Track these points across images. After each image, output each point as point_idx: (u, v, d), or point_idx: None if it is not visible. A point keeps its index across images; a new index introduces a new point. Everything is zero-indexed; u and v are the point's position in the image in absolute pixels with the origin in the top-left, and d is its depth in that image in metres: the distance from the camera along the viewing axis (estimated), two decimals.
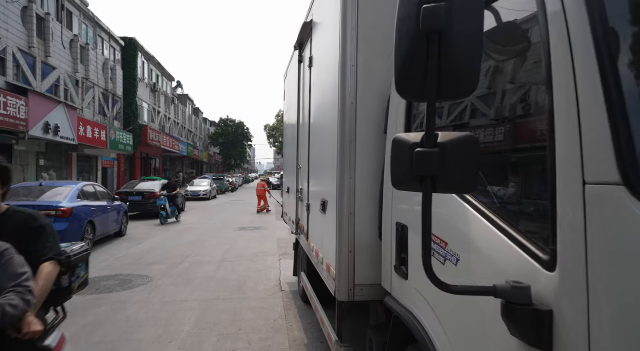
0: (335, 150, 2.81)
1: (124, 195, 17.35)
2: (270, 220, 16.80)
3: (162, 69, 38.39)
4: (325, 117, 3.30)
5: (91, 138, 21.73)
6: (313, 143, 3.95)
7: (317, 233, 3.66)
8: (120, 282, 6.95)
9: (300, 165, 4.88)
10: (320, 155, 3.50)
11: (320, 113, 3.56)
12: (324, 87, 3.37)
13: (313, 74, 4.03)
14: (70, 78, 21.25)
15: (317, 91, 3.74)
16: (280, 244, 10.81)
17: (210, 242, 11.12)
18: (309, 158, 4.17)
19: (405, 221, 2.14)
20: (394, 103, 2.40)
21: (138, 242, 11.15)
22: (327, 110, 3.17)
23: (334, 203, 2.84)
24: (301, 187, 4.75)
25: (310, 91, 4.15)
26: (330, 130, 3.01)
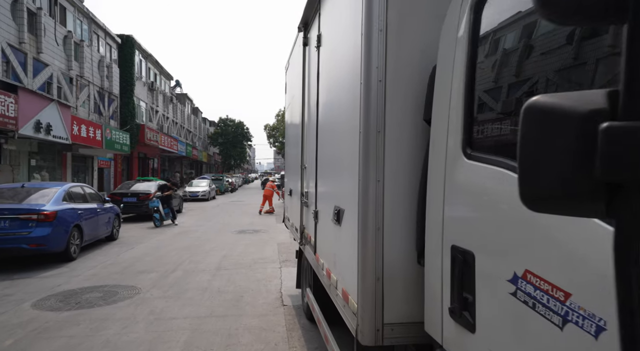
0: (356, 145, 2.14)
1: (118, 196, 16.71)
2: (271, 222, 16.13)
3: (160, 68, 37.71)
4: (340, 103, 2.63)
5: (86, 137, 21.04)
6: (322, 138, 3.28)
7: (328, 248, 2.98)
8: (105, 295, 6.27)
9: (306, 165, 4.21)
10: (333, 152, 2.83)
11: (333, 100, 2.89)
12: (339, 67, 2.70)
13: (322, 55, 3.35)
14: (63, 75, 20.58)
15: (329, 74, 3.07)
16: (281, 249, 10.14)
17: (207, 247, 10.44)
18: (316, 156, 3.50)
19: (471, 246, 1.46)
20: (444, 75, 1.73)
21: (130, 247, 10.47)
22: (344, 95, 2.50)
23: (354, 213, 2.17)
24: (307, 190, 4.07)
25: (318, 77, 3.48)
26: (348, 120, 2.35)
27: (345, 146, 2.45)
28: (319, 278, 3.39)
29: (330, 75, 2.99)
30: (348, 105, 2.38)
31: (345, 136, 2.44)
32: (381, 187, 2.03)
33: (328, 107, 3.06)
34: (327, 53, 3.15)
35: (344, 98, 2.50)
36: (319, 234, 3.41)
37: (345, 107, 2.47)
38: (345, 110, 2.47)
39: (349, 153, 2.33)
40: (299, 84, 4.65)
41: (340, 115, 2.61)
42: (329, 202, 2.92)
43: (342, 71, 2.57)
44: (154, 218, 14.66)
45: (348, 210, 2.39)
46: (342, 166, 2.57)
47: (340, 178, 2.63)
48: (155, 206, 14.77)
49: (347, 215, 2.40)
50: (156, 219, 14.64)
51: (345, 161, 2.44)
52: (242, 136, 64.96)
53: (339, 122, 2.64)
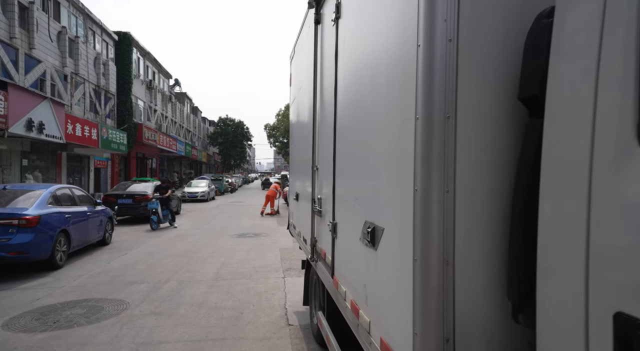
0: (406, 139, 1.48)
1: (114, 197, 16.03)
2: (272, 225, 15.45)
3: (158, 66, 37.03)
4: (374, 84, 1.96)
5: (81, 136, 20.34)
6: (344, 131, 2.60)
7: (354, 275, 2.29)
8: (88, 311, 5.59)
9: (318, 165, 3.53)
10: (363, 150, 2.15)
11: (361, 81, 2.21)
12: (372, 35, 2.02)
13: (342, 28, 2.68)
14: (57, 72, 19.89)
15: (354, 49, 2.39)
16: (283, 256, 9.46)
17: (204, 253, 9.76)
18: (334, 154, 2.82)
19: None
20: (579, 32, 1.05)
21: (122, 252, 9.79)
22: (381, 71, 1.84)
23: (403, 236, 1.51)
24: (320, 196, 3.39)
25: (336, 57, 2.81)
26: (389, 104, 1.69)
27: (383, 141, 1.78)
28: (338, 306, 2.70)
29: (357, 50, 2.31)
30: (389, 84, 1.71)
31: (384, 128, 1.78)
32: (451, 200, 1.36)
33: (353, 92, 2.38)
34: (351, 23, 2.47)
35: (381, 76, 1.82)
36: (338, 253, 2.73)
37: (383, 88, 1.80)
38: (383, 92, 1.80)
39: (390, 150, 1.67)
40: (308, 71, 3.98)
41: (375, 99, 1.93)
42: (356, 215, 2.24)
43: (379, 39, 1.89)
44: (151, 221, 14.00)
45: (390, 230, 1.72)
46: (377, 168, 1.89)
47: (374, 184, 1.95)
48: (154, 208, 14.07)
49: (388, 237, 1.73)
50: (153, 221, 13.98)
51: (383, 162, 1.78)
52: (242, 136, 64.31)
53: (373, 109, 1.96)
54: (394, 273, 1.62)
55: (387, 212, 1.74)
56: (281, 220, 17.04)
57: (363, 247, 2.06)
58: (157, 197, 14.54)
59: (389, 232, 1.73)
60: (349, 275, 2.42)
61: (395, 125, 1.62)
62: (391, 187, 1.68)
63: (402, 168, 1.53)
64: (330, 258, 2.91)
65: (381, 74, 1.84)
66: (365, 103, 2.09)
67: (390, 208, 1.70)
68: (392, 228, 1.68)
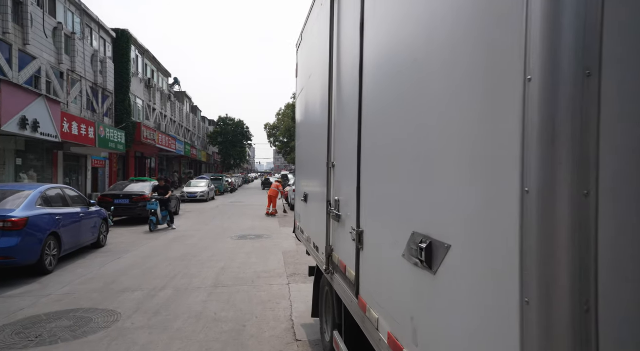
0: (503, 111, 0.97)
1: (110, 197, 15.53)
2: (273, 226, 14.94)
3: (157, 64, 36.52)
4: (434, 35, 1.44)
5: (77, 135, 19.84)
6: (375, 116, 2.10)
7: (395, 302, 1.77)
8: (75, 323, 5.09)
9: (335, 162, 3.02)
10: (408, 135, 1.64)
11: (411, 37, 1.68)
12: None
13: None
14: (53, 69, 19.38)
15: (393, 5, 1.88)
16: (287, 259, 8.95)
17: (203, 256, 9.26)
18: (359, 146, 2.32)
19: None
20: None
21: (117, 256, 9.29)
22: (446, 11, 1.33)
23: (493, 261, 1.01)
24: (338, 198, 2.89)
25: (362, 30, 2.31)
26: (464, 58, 1.19)
27: (452, 121, 1.28)
28: (367, 336, 2.19)
29: (398, 4, 1.80)
30: (465, 31, 1.21)
31: (454, 101, 1.27)
32: (592, 208, 0.85)
33: (391, 65, 1.87)
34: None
35: (446, 24, 1.32)
36: (365, 268, 2.22)
37: (451, 41, 1.29)
38: (450, 47, 1.29)
39: (468, 133, 1.16)
40: (321, 54, 3.48)
41: (434, 64, 1.42)
42: (396, 223, 1.74)
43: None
44: (150, 222, 13.46)
45: (462, 249, 1.22)
46: (438, 161, 1.39)
47: (430, 183, 1.44)
48: (153, 209, 13.54)
49: (459, 258, 1.23)
50: (152, 223, 13.44)
51: (453, 150, 1.28)
52: (242, 135, 63.83)
53: (430, 78, 1.45)
54: (476, 314, 1.12)
55: (457, 223, 1.24)
56: (282, 220, 16.54)
57: (409, 267, 1.56)
58: (156, 198, 14.01)
59: (460, 251, 1.23)
60: (384, 300, 1.91)
61: (478, 93, 1.12)
62: (468, 187, 1.17)
63: (494, 159, 1.03)
64: (353, 274, 2.41)
65: (447, 20, 1.32)
66: (414, 74, 1.58)
67: (463, 218, 1.20)
68: (468, 246, 1.18)
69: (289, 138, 61.41)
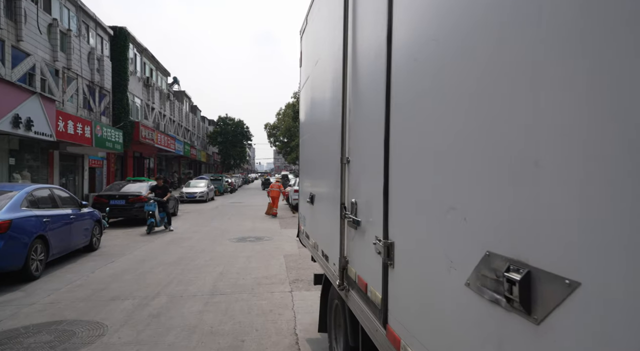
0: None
1: (105, 198, 15.04)
2: (274, 227, 14.46)
3: (156, 63, 36.05)
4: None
5: (73, 134, 19.34)
6: (407, 99, 1.62)
7: (453, 347, 1.28)
8: (56, 338, 4.61)
9: (351, 157, 2.54)
10: (473, 113, 1.16)
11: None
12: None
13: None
14: (48, 66, 18.90)
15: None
16: (289, 263, 8.48)
17: (201, 260, 8.78)
18: (387, 136, 1.83)
19: None
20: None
21: (110, 260, 8.81)
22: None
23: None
24: (354, 199, 2.41)
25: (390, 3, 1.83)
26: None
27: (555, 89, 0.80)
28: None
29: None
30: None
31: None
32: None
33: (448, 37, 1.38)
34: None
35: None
36: (398, 291, 1.74)
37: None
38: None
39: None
40: (332, 34, 3.00)
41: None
42: (452, 238, 1.26)
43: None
44: (150, 223, 12.93)
45: (596, 287, 0.73)
46: (525, 151, 0.90)
47: (518, 182, 0.96)
48: (151, 210, 13.03)
49: (594, 303, 0.74)
50: (151, 225, 12.93)
51: (575, 130, 0.79)
52: (241, 135, 63.40)
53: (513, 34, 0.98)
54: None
55: (593, 245, 0.76)
56: (283, 222, 16.06)
57: (481, 304, 1.08)
58: (153, 199, 13.50)
59: (597, 293, 0.74)
60: (431, 340, 1.42)
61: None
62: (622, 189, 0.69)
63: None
64: (378, 296, 1.92)
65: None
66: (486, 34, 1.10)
67: (608, 239, 0.72)
68: (615, 287, 0.70)
69: (289, 138, 60.95)
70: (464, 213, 1.21)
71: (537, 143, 0.91)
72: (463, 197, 1.23)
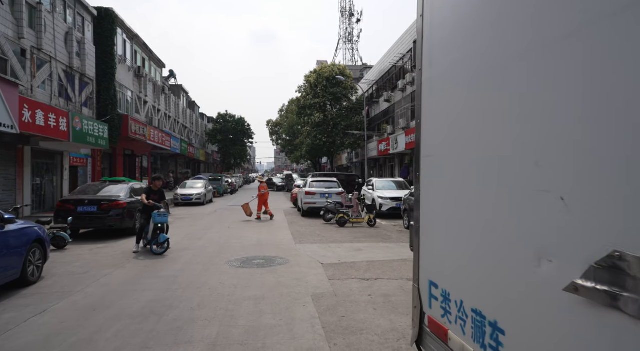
0: None
1: (71, 204, 11.84)
2: (285, 239, 11.28)
3: (149, 52, 32.89)
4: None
5: (44, 126, 16.18)
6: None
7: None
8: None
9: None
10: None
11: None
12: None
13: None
14: (10, 43, 15.75)
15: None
16: (324, 315, 5.30)
17: (183, 307, 5.63)
18: None
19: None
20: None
21: (47, 304, 5.69)
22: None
23: None
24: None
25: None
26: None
27: None
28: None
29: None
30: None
31: None
32: None
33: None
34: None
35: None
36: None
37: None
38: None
39: None
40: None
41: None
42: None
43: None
44: (163, 241, 9.42)
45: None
46: None
47: None
48: (164, 222, 9.51)
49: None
50: (160, 241, 9.43)
51: None
52: (242, 133, 60.32)
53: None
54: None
55: None
56: (295, 231, 12.86)
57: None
58: (156, 206, 9.78)
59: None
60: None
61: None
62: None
63: None
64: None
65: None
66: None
67: None
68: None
69: (292, 136, 57.85)
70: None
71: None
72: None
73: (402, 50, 29.81)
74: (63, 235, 10.07)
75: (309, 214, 17.90)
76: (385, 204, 17.16)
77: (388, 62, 33.10)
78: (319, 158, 49.15)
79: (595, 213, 1.20)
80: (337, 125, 38.53)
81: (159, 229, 9.43)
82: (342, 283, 6.78)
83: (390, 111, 33.49)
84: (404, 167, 29.95)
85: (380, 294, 6.16)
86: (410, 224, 2.86)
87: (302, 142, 44.96)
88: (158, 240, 9.37)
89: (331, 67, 39.69)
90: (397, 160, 32.78)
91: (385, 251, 9.76)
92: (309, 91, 39.79)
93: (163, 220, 9.54)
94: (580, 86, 1.33)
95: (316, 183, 18.75)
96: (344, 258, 8.83)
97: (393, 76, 32.60)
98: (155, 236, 9.42)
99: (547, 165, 1.43)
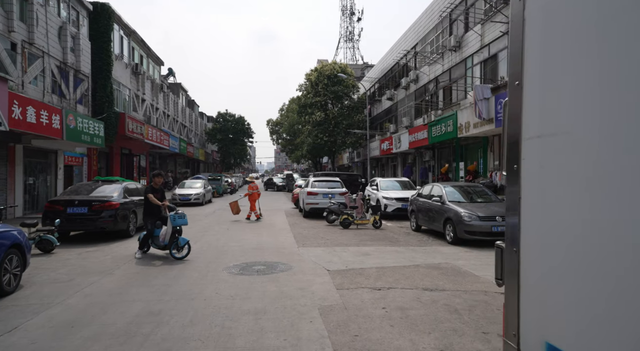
0: None
1: (61, 205, 11.17)
2: (287, 242, 10.61)
3: (147, 49, 32.22)
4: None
5: (35, 123, 15.52)
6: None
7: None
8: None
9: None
10: None
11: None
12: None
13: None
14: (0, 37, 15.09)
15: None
16: (334, 334, 4.63)
17: (174, 324, 4.97)
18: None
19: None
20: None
21: (22, 316, 5.04)
22: None
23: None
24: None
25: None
26: None
27: None
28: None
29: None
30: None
31: None
32: None
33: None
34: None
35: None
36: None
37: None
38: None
39: None
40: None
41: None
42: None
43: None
44: (183, 244, 8.78)
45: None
46: None
47: None
48: (183, 224, 8.80)
49: None
50: (154, 244, 8.96)
51: None
52: (242, 132, 59.68)
53: None
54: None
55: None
56: (297, 232, 12.18)
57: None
58: (169, 206, 9.16)
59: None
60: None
61: None
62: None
63: None
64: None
65: None
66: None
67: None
68: None
69: (292, 136, 57.19)
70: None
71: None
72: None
73: (406, 46, 29.13)
74: (50, 238, 9.41)
75: (311, 215, 17.24)
76: (390, 205, 16.50)
77: (391, 59, 32.43)
78: (320, 157, 48.49)
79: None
80: (339, 124, 37.86)
81: (178, 232, 8.75)
82: (351, 294, 6.12)
83: (392, 109, 32.81)
84: (406, 166, 29.28)
85: (396, 307, 5.50)
86: (496, 244, 2.04)
87: (302, 141, 44.30)
88: (178, 243, 8.69)
89: (332, 65, 39.01)
90: (399, 160, 32.11)
91: (394, 256, 9.09)
92: (310, 89, 39.12)
93: (183, 222, 8.79)
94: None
95: (318, 183, 18.06)
96: (351, 264, 8.16)
97: (396, 74, 31.92)
98: (174, 239, 8.72)
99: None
